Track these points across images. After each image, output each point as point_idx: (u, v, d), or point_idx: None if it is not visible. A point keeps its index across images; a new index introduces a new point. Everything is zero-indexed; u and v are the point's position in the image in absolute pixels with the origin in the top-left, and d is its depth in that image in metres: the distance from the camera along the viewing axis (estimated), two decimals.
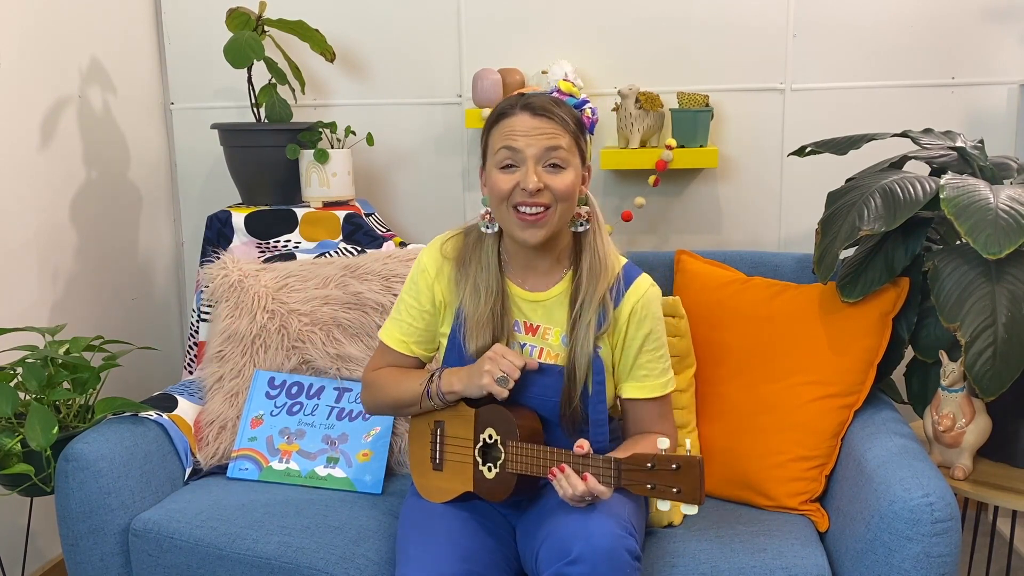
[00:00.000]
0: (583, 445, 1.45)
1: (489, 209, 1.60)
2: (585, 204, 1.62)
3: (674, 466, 1.36)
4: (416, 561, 1.49)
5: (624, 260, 1.66)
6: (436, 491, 1.67)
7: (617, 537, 1.40)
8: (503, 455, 1.55)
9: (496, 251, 1.64)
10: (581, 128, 1.56)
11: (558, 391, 1.58)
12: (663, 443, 1.39)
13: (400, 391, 1.66)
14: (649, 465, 1.39)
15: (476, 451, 1.59)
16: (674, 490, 1.36)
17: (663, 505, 1.39)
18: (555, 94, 1.58)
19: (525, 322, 1.63)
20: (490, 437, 1.57)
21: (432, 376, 1.63)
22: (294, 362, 2.07)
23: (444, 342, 1.68)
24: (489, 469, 1.57)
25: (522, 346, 1.62)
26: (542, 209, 1.51)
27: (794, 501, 1.79)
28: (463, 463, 1.62)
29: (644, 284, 1.63)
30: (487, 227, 1.62)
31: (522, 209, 1.51)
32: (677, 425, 1.79)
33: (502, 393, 1.52)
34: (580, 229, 1.61)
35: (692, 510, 1.37)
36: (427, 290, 1.67)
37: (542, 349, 1.62)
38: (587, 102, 1.59)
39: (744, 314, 1.96)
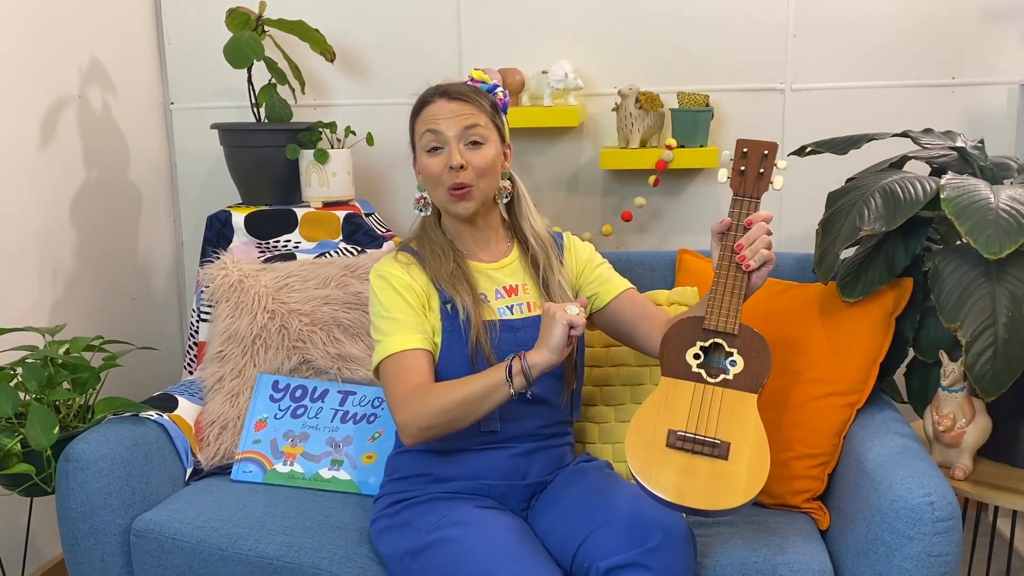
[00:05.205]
0: (750, 221, 1.61)
1: (424, 194, 1.75)
2: (508, 179, 1.77)
3: (744, 151, 1.67)
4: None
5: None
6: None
7: (685, 521, 1.52)
8: (724, 344, 1.57)
9: (439, 231, 1.77)
10: (496, 109, 1.73)
11: None
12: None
13: (469, 386, 1.54)
14: (745, 151, 1.67)
15: (703, 376, 1.54)
16: (765, 154, 1.65)
17: (778, 181, 1.66)
18: (469, 82, 1.75)
19: (504, 287, 1.74)
20: (695, 356, 1.57)
21: (510, 360, 1.53)
22: (295, 362, 2.07)
23: (439, 340, 1.65)
24: (732, 363, 1.56)
25: (510, 308, 1.72)
26: (468, 185, 1.67)
27: (797, 499, 1.79)
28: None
29: (569, 235, 1.87)
30: (420, 209, 1.76)
31: (452, 189, 1.68)
32: None
33: (578, 321, 1.49)
34: (505, 200, 1.76)
35: (782, 163, 1.66)
36: (407, 287, 1.67)
37: (529, 303, 1.73)
38: (498, 86, 1.76)
39: (744, 313, 1.95)
